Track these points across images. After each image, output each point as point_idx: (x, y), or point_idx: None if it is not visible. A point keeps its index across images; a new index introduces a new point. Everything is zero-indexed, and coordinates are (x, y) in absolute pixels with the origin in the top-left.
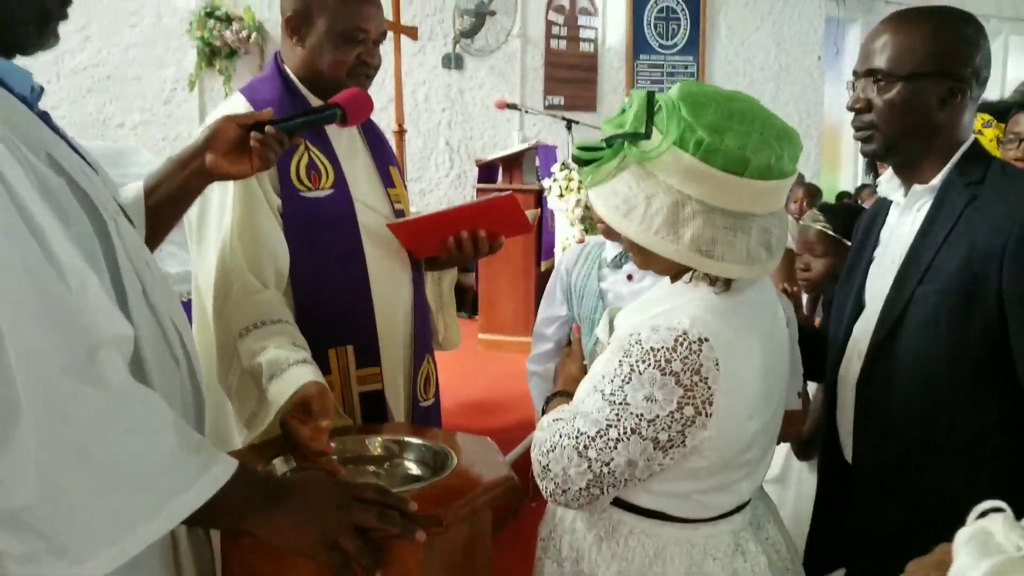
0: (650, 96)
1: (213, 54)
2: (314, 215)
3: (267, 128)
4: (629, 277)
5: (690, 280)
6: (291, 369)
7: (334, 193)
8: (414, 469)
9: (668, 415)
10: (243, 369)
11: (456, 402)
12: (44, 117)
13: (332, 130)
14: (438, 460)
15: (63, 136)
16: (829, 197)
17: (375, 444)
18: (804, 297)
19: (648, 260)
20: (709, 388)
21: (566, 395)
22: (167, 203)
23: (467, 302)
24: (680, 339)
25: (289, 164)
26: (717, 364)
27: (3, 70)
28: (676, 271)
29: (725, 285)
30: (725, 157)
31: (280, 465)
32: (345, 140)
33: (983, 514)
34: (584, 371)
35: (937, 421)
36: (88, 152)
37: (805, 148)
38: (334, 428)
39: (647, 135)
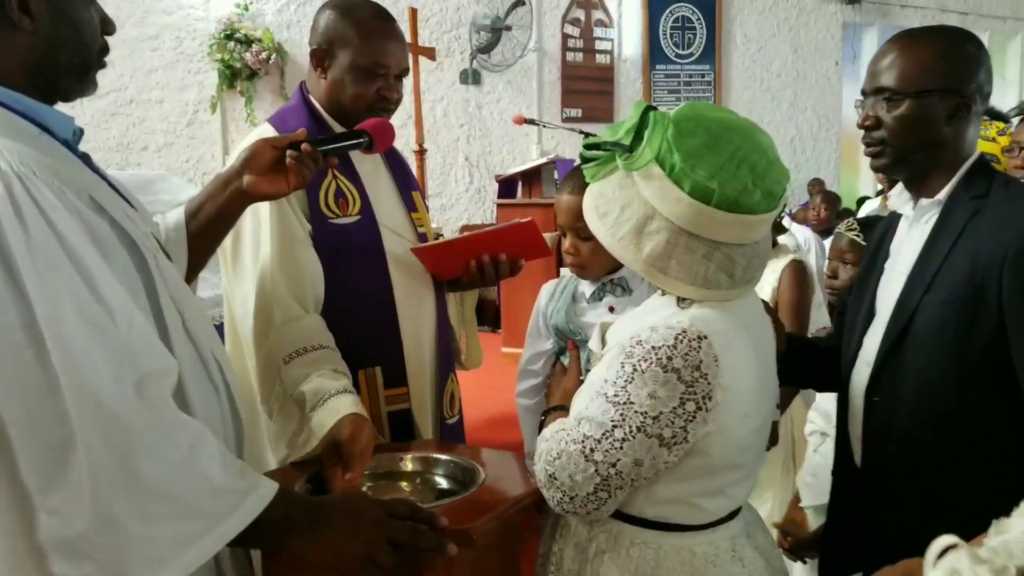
0: (645, 111)
1: (234, 76)
2: (342, 241)
3: (303, 145)
4: (611, 309)
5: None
6: (331, 400)
7: (361, 219)
8: (443, 484)
9: (671, 411)
10: (285, 394)
11: (481, 415)
12: (85, 159)
13: (356, 157)
14: (466, 475)
15: (103, 175)
16: (849, 201)
17: (405, 461)
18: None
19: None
20: (709, 384)
21: (563, 409)
22: (208, 226)
23: (490, 316)
24: (680, 336)
25: (318, 192)
26: (716, 360)
27: (46, 115)
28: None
29: (688, 303)
30: (693, 184)
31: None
32: (369, 167)
33: (946, 550)
34: (579, 385)
35: (942, 428)
36: (126, 188)
37: (824, 153)
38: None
39: (631, 148)
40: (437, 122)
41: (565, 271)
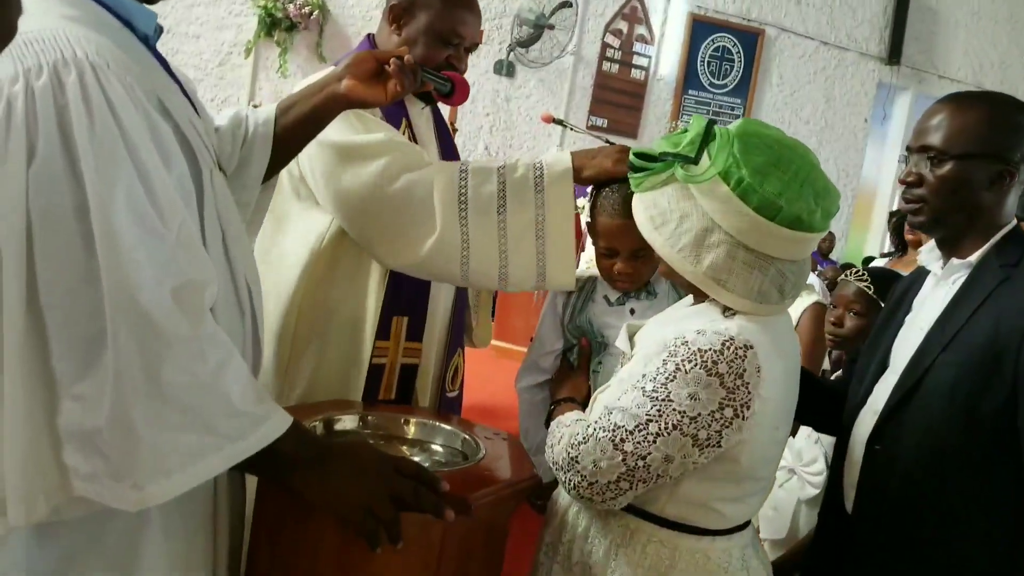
0: (709, 125)
1: (273, 24)
2: None
3: (406, 57)
4: (632, 312)
5: (714, 302)
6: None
7: None
8: (442, 454)
9: (709, 414)
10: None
11: (470, 403)
12: (162, 60)
13: (415, 117)
14: (466, 448)
15: (178, 80)
16: (855, 258)
17: (408, 425)
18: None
19: (673, 273)
20: (749, 393)
21: (571, 401)
22: (298, 125)
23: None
24: (727, 343)
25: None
26: (759, 371)
27: (130, 8)
28: (701, 292)
29: (732, 312)
30: (761, 200)
31: (320, 429)
32: (424, 130)
33: None
34: (587, 383)
35: (941, 485)
36: (195, 94)
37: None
38: (369, 405)
39: (695, 161)
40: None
41: (580, 273)
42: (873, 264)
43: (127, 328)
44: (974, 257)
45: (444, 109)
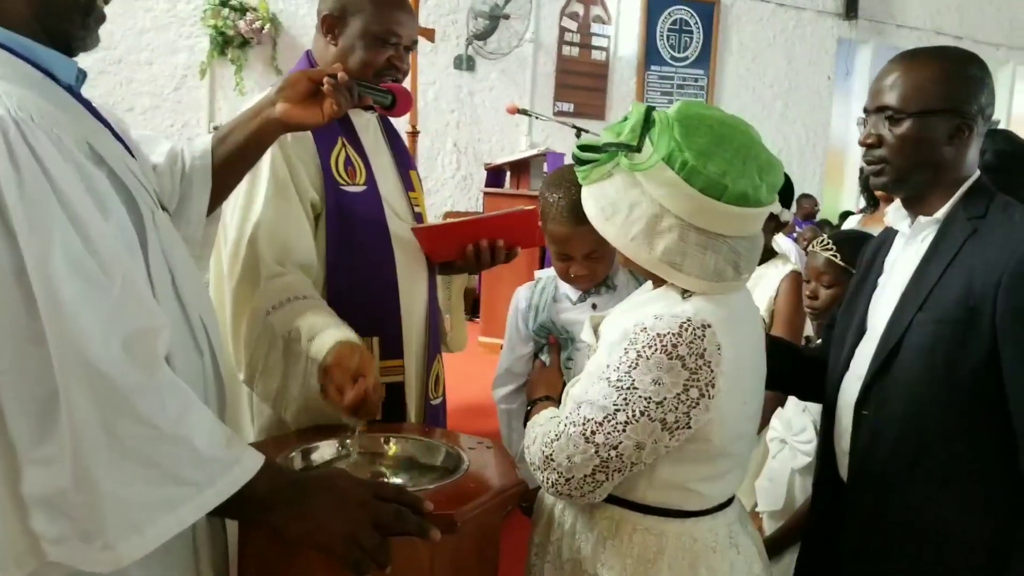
0: (648, 112)
1: (226, 43)
2: (351, 208)
3: (340, 74)
4: (594, 306)
5: (672, 285)
6: (329, 329)
7: (367, 190)
8: (427, 470)
9: (675, 397)
10: (268, 346)
11: (458, 402)
12: (87, 105)
13: (360, 128)
14: (451, 462)
15: (107, 123)
16: (831, 215)
17: (389, 443)
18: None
19: (630, 261)
20: (712, 371)
21: (548, 400)
22: (236, 154)
23: (468, 305)
24: (685, 325)
25: (330, 157)
26: (719, 349)
27: (49, 59)
28: (658, 276)
29: (690, 294)
30: (706, 181)
31: (298, 460)
32: (371, 141)
33: None
34: (561, 378)
35: (930, 445)
36: (127, 136)
37: (810, 167)
38: (348, 428)
39: (638, 148)
40: (428, 106)
41: (540, 273)
42: (851, 218)
43: (79, 386)
44: (941, 213)
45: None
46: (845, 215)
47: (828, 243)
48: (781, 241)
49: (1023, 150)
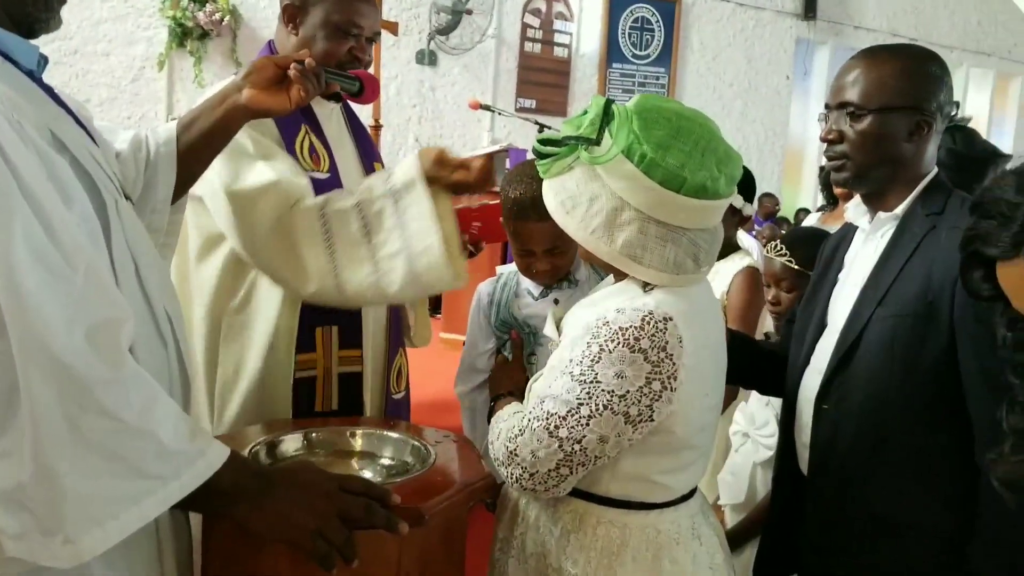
0: (607, 105)
1: (184, 35)
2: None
3: (307, 60)
4: (556, 301)
5: (634, 278)
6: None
7: (331, 178)
8: (393, 464)
9: (637, 390)
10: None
11: (420, 399)
12: (49, 91)
13: (323, 118)
14: (417, 455)
15: (68, 109)
16: (789, 213)
17: (355, 437)
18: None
19: (591, 255)
20: (674, 364)
21: (511, 395)
22: (201, 141)
23: (430, 301)
24: (647, 318)
25: (294, 143)
26: (681, 341)
27: (9, 44)
28: (619, 270)
29: (651, 287)
30: (664, 173)
31: (263, 454)
32: (335, 131)
33: None
34: (524, 373)
35: (889, 439)
36: (90, 123)
37: (768, 165)
38: (312, 423)
39: (597, 142)
40: (390, 100)
41: (501, 269)
42: (809, 218)
43: (41, 378)
44: (900, 209)
45: (366, 106)
46: (800, 212)
47: (781, 248)
48: (744, 238)
49: (980, 152)
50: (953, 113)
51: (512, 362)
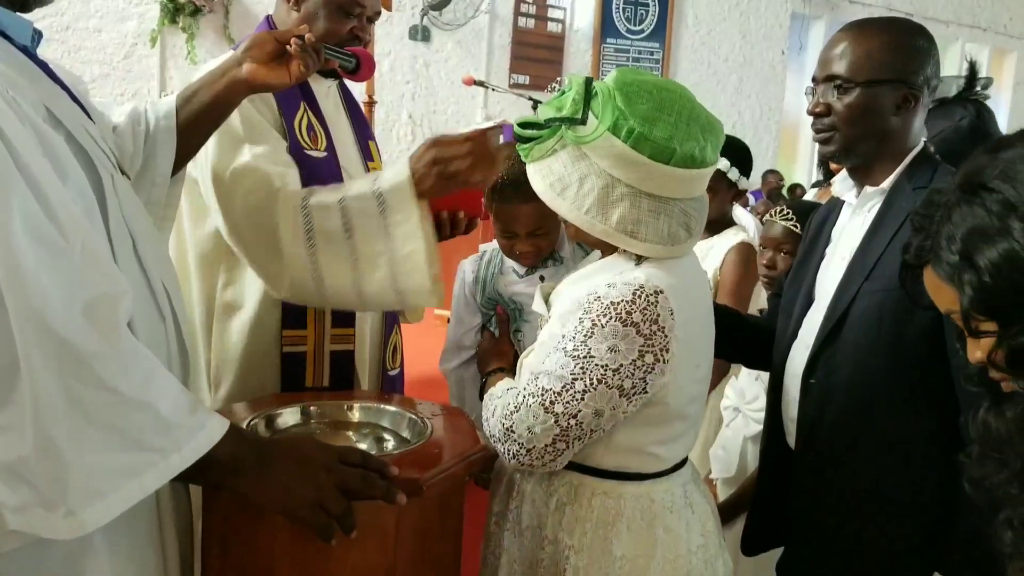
0: (588, 83)
1: (177, 11)
2: (312, 174)
3: (307, 36)
4: (542, 278)
5: (622, 253)
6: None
7: (328, 157)
8: (390, 435)
9: (631, 363)
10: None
11: (414, 375)
12: (44, 67)
13: (320, 96)
14: (414, 428)
15: (64, 85)
16: (783, 188)
17: (352, 410)
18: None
19: (581, 233)
20: (666, 336)
21: (502, 371)
22: (201, 114)
23: None
24: (638, 292)
25: (293, 120)
26: (672, 314)
27: (3, 20)
28: (607, 246)
29: (641, 260)
30: (653, 146)
31: (261, 427)
32: (331, 109)
33: None
34: (513, 348)
35: (876, 413)
36: (86, 98)
37: (764, 141)
38: (310, 395)
39: (583, 121)
40: (383, 76)
41: (484, 246)
42: (808, 193)
43: (41, 352)
44: (886, 183)
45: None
46: (794, 188)
47: (788, 212)
48: (741, 213)
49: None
50: (974, 87)
51: (500, 338)
